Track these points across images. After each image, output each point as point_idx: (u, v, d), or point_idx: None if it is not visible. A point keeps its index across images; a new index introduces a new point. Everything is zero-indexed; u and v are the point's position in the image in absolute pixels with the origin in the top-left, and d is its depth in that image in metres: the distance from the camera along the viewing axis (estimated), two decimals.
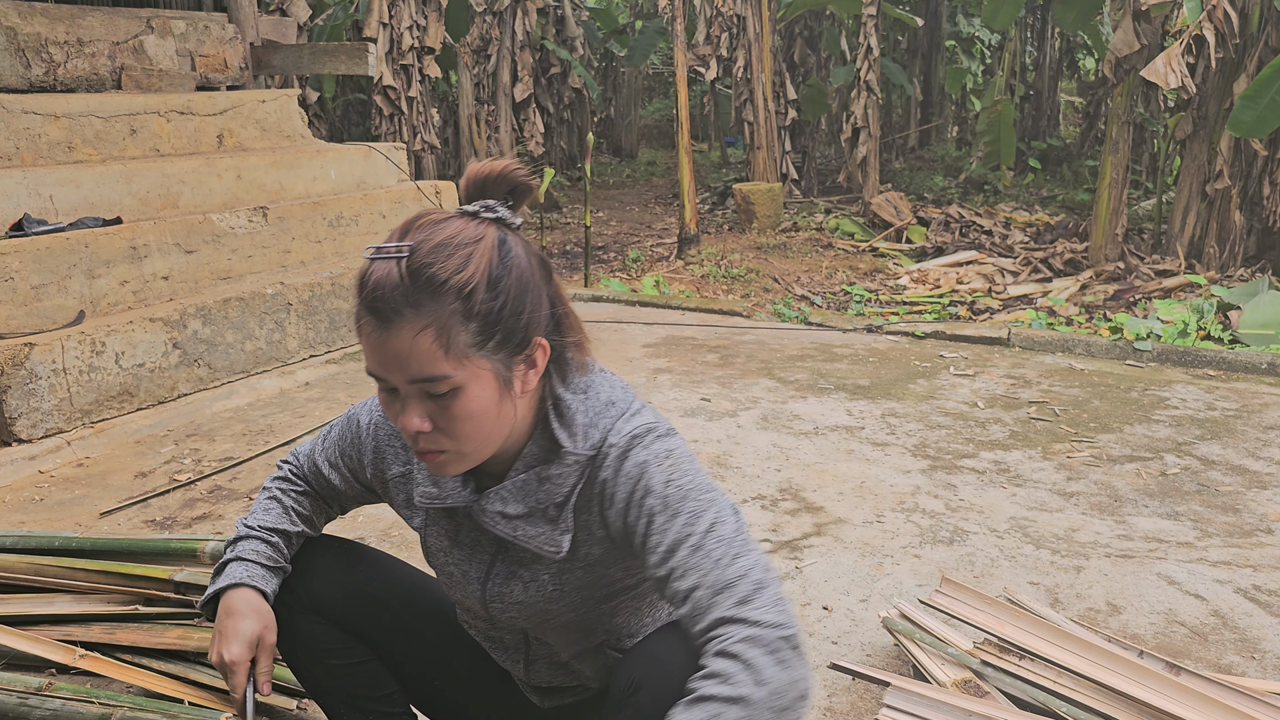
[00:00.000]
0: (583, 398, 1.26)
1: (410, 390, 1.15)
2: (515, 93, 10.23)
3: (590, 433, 1.24)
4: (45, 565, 2.36)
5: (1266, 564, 2.73)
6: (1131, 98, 7.03)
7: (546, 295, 1.22)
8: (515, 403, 1.21)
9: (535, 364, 1.21)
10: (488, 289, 1.13)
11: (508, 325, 1.16)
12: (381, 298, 1.11)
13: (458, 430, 1.17)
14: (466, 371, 1.14)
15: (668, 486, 1.20)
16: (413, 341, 1.11)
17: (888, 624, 2.24)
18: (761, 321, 5.82)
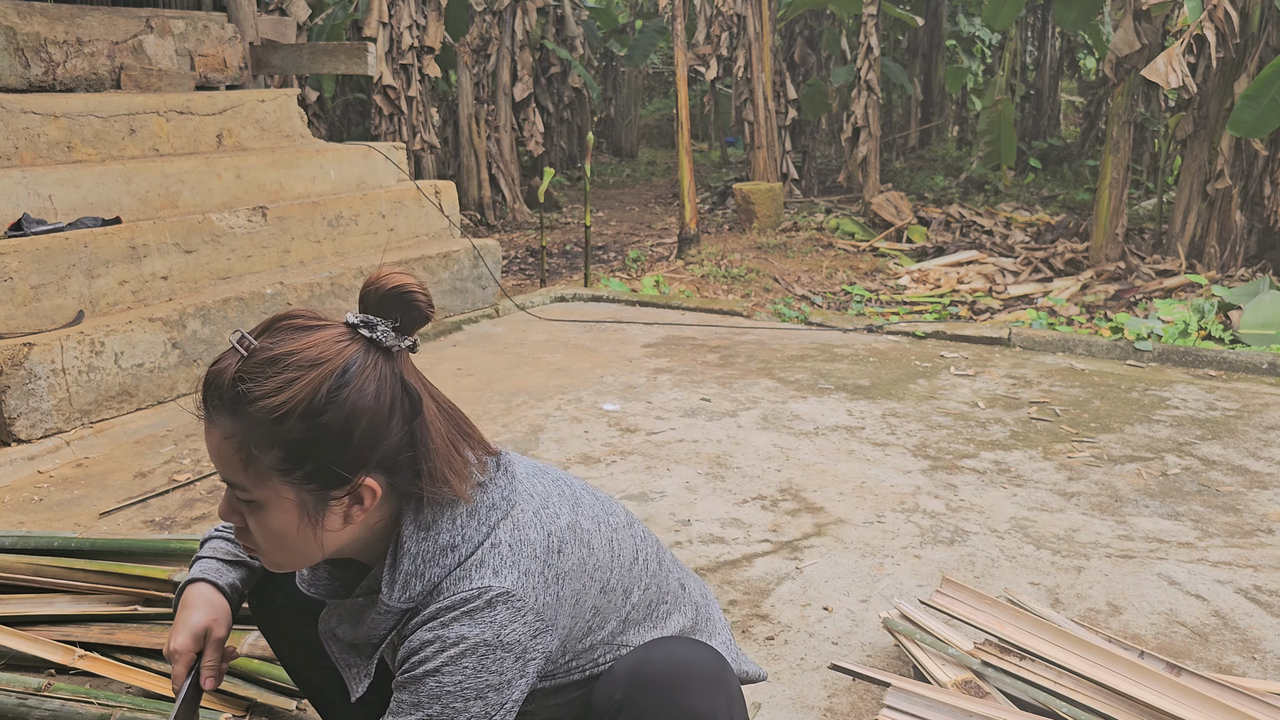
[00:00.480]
0: (422, 537, 1.15)
1: (227, 484, 1.14)
2: (515, 92, 10.22)
3: (411, 583, 1.14)
4: (44, 565, 2.36)
5: (1267, 564, 2.72)
6: (1132, 97, 7.03)
7: (396, 435, 1.12)
8: (328, 534, 1.14)
9: (361, 501, 1.13)
10: (302, 418, 1.07)
11: (320, 459, 1.09)
12: (207, 392, 1.11)
13: (258, 540, 1.15)
14: (265, 491, 1.10)
15: (430, 677, 1.10)
16: (219, 444, 1.10)
17: (888, 624, 2.24)
18: (762, 321, 5.81)
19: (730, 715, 1.19)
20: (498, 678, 1.10)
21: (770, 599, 2.54)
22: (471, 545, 1.14)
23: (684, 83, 7.69)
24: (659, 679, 1.17)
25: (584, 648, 1.25)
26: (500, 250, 6.18)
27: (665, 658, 1.19)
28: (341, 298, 4.94)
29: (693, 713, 1.16)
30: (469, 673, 1.09)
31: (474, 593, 1.11)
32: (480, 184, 9.99)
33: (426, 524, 1.15)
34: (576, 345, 5.18)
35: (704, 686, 1.18)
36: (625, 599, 1.30)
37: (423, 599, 1.14)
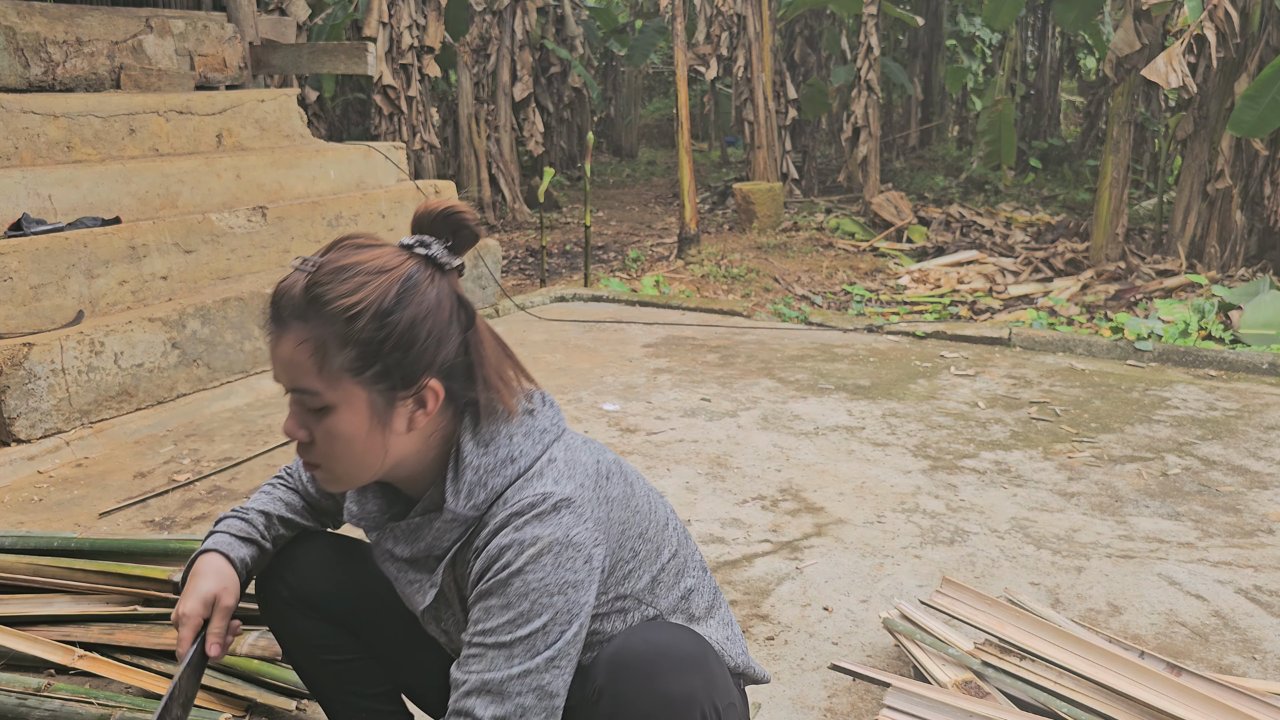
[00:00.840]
0: (482, 451, 1.22)
1: (292, 398, 1.19)
2: (515, 92, 10.22)
3: (475, 492, 1.21)
4: (44, 566, 2.36)
5: (1267, 564, 2.72)
6: (1132, 97, 7.02)
7: (454, 341, 1.20)
8: (393, 438, 1.20)
9: (425, 405, 1.20)
10: (373, 319, 1.14)
11: (390, 359, 1.16)
12: (278, 305, 1.17)
13: (327, 448, 1.19)
14: (337, 393, 1.16)
15: (515, 578, 1.15)
16: (293, 351, 1.15)
17: (888, 624, 2.24)
18: (762, 321, 5.81)
19: (711, 698, 1.18)
20: (573, 575, 1.16)
21: (770, 599, 2.54)
22: (529, 459, 1.22)
23: (684, 83, 7.69)
24: (637, 663, 1.17)
25: (618, 594, 1.29)
26: (500, 250, 6.18)
27: (643, 642, 1.19)
28: None
29: (668, 696, 1.15)
30: (548, 569, 1.15)
31: (539, 498, 1.18)
32: (480, 184, 9.99)
33: (484, 440, 1.22)
34: (576, 345, 5.18)
35: (681, 670, 1.17)
36: (658, 555, 1.34)
37: (486, 508, 1.21)
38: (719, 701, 1.19)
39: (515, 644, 1.14)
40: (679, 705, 1.15)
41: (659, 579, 1.35)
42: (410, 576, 1.29)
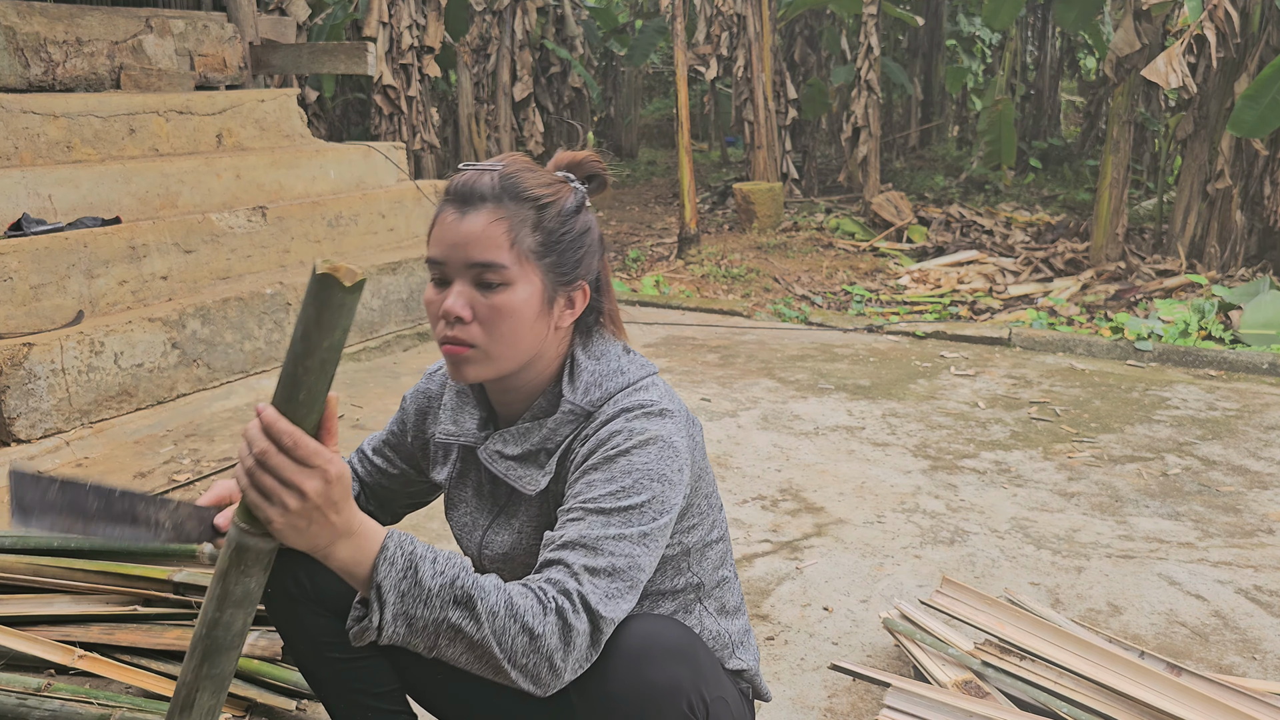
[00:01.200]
0: (594, 362, 1.35)
1: (464, 276, 1.26)
2: (515, 92, 10.22)
3: (591, 390, 1.32)
4: (44, 566, 2.36)
5: (1267, 564, 2.72)
6: (1132, 97, 7.02)
7: (598, 261, 1.36)
8: (548, 330, 1.30)
9: (574, 304, 1.33)
10: (558, 215, 1.29)
11: (564, 253, 1.30)
12: (470, 190, 1.27)
13: (493, 325, 1.25)
14: (521, 270, 1.26)
15: (622, 457, 1.24)
16: (486, 226, 1.25)
17: (888, 624, 2.24)
18: (762, 321, 5.81)
19: (699, 689, 1.18)
20: (671, 471, 1.25)
21: (770, 599, 2.54)
22: (635, 375, 1.34)
23: (684, 83, 7.69)
24: (625, 652, 1.17)
25: (679, 540, 1.36)
26: None
27: (631, 633, 1.20)
28: None
29: (654, 684, 1.15)
30: (652, 458, 1.24)
31: (649, 401, 1.30)
32: None
33: (596, 354, 1.35)
34: None
35: (668, 660, 1.18)
36: (713, 526, 1.43)
37: (598, 405, 1.31)
38: (707, 694, 1.19)
39: (614, 512, 1.20)
40: (664, 694, 1.15)
41: (708, 549, 1.43)
42: (519, 472, 1.34)
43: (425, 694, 1.60)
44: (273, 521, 1.03)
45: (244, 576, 1.11)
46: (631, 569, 1.19)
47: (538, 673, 1.11)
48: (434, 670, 1.56)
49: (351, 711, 1.54)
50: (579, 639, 1.12)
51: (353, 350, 4.97)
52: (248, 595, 1.12)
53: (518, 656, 1.09)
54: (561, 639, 1.11)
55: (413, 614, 1.07)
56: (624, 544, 1.19)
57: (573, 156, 1.38)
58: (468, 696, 1.58)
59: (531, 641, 1.09)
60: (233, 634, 1.14)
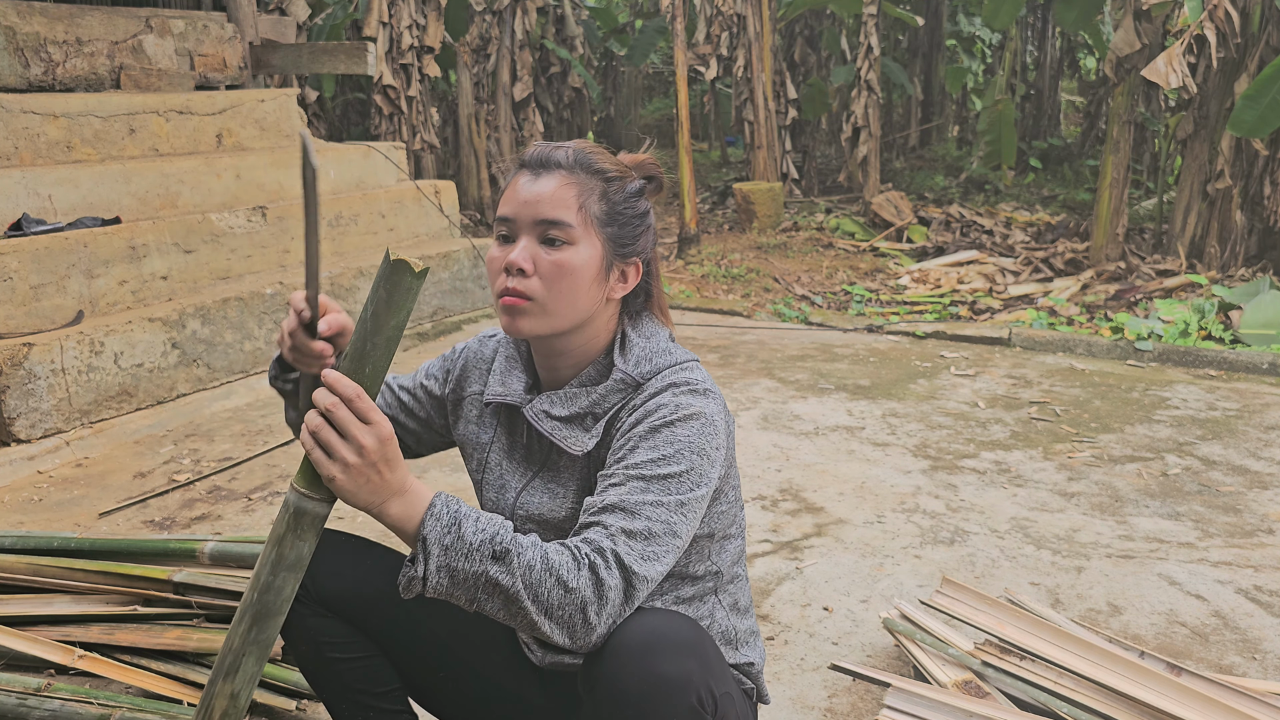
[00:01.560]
0: (645, 341, 1.42)
1: (531, 232, 1.33)
2: (515, 92, 10.21)
3: (642, 363, 1.38)
4: (44, 566, 2.36)
5: (1267, 564, 2.72)
6: (1132, 97, 7.02)
7: (651, 247, 1.44)
8: (602, 296, 1.36)
9: (626, 279, 1.39)
10: (625, 192, 1.38)
11: (625, 227, 1.38)
12: (545, 158, 1.36)
13: (554, 281, 1.32)
14: (585, 233, 1.34)
15: (666, 427, 1.30)
16: (557, 187, 1.33)
17: (888, 624, 2.24)
18: (762, 321, 5.81)
19: (707, 683, 1.18)
20: (710, 446, 1.31)
21: (770, 599, 2.54)
22: (682, 357, 1.41)
23: (684, 83, 7.69)
24: (633, 646, 1.18)
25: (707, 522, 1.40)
26: None
27: (640, 627, 1.20)
28: (342, 298, 4.94)
29: (664, 677, 1.16)
30: (694, 432, 1.30)
31: (694, 379, 1.36)
32: (480, 184, 9.98)
33: (646, 334, 1.42)
34: None
35: (677, 653, 1.18)
36: (734, 519, 1.46)
37: (648, 378, 1.37)
38: (715, 688, 1.19)
39: (653, 480, 1.26)
40: (673, 686, 1.16)
41: (729, 542, 1.47)
42: (565, 433, 1.39)
43: (426, 694, 1.60)
44: (335, 479, 1.14)
45: (299, 540, 1.20)
46: (666, 534, 1.24)
47: (572, 625, 1.16)
48: (435, 670, 1.56)
49: (353, 711, 1.54)
50: (612, 593, 1.17)
51: None
52: (300, 560, 1.21)
53: (553, 609, 1.15)
54: (595, 592, 1.16)
55: (455, 566, 1.15)
56: (661, 510, 1.24)
57: (634, 158, 1.45)
58: (468, 697, 1.58)
59: (566, 594, 1.15)
60: (282, 599, 1.22)
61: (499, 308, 1.35)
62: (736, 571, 1.50)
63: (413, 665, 1.55)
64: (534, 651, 1.52)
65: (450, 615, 1.56)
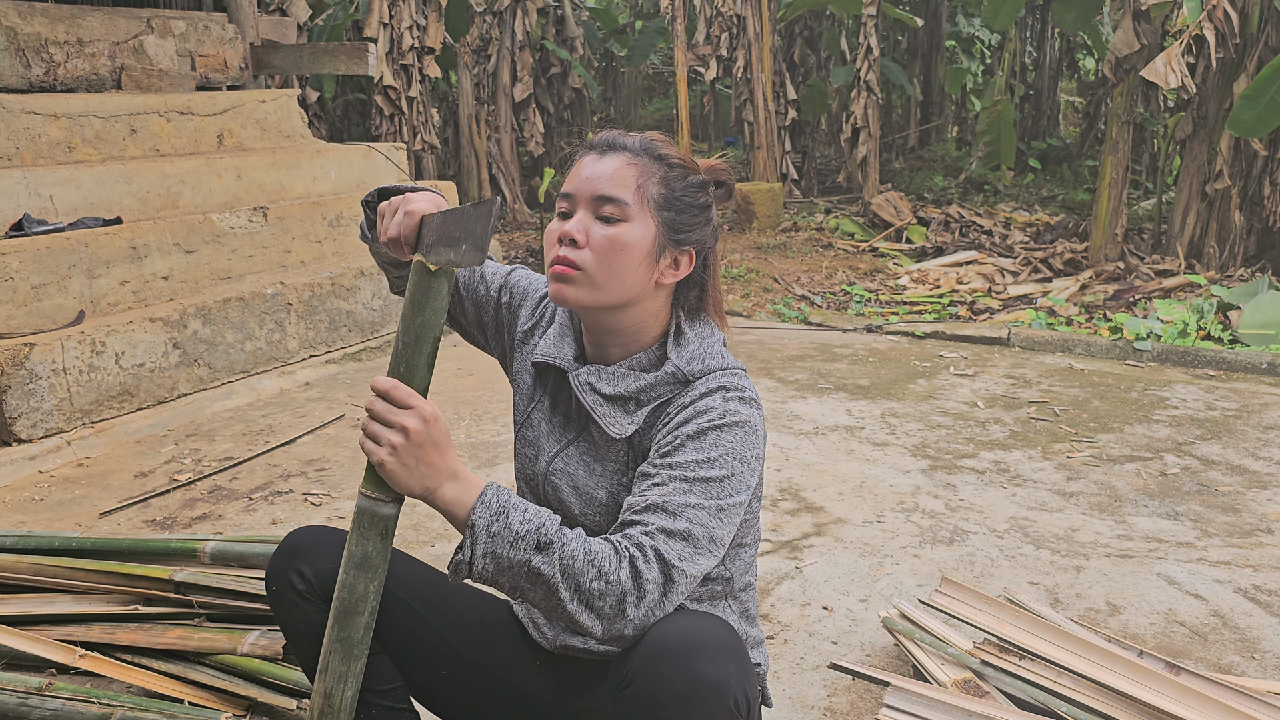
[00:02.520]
0: (700, 340, 1.43)
1: (589, 207, 1.36)
2: (515, 93, 10.22)
3: (695, 361, 1.39)
4: (45, 565, 2.36)
5: (1266, 564, 2.73)
6: (1131, 98, 7.03)
7: (710, 240, 1.45)
8: (651, 278, 1.38)
9: (678, 266, 1.41)
10: (685, 181, 1.40)
11: (682, 215, 1.39)
12: (613, 141, 1.40)
13: (604, 254, 1.34)
14: (640, 211, 1.36)
15: (712, 430, 1.32)
16: (618, 167, 1.37)
17: (888, 624, 2.24)
18: (761, 321, 5.82)
19: (743, 686, 1.19)
20: (751, 455, 1.33)
21: (770, 599, 2.55)
22: (732, 364, 1.41)
23: (684, 83, 7.69)
24: (673, 646, 1.19)
25: None
26: (500, 250, 6.18)
27: (681, 627, 1.21)
28: (342, 298, 4.95)
29: (705, 678, 1.17)
30: (738, 438, 1.32)
31: (743, 387, 1.38)
32: (480, 184, 9.99)
33: (702, 334, 1.44)
34: None
35: (717, 654, 1.19)
36: (749, 530, 1.48)
37: (699, 376, 1.38)
38: (749, 691, 1.21)
39: (696, 482, 1.28)
40: (715, 687, 1.17)
41: (743, 550, 1.48)
42: (605, 410, 1.41)
43: (428, 692, 1.60)
44: (385, 464, 1.18)
45: (363, 539, 1.26)
46: (705, 538, 1.26)
47: (610, 616, 1.19)
48: (438, 668, 1.56)
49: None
50: (650, 587, 1.19)
51: (354, 350, 4.97)
52: (366, 559, 1.26)
53: (593, 599, 1.18)
54: (634, 585, 1.19)
55: (500, 554, 1.18)
56: (701, 513, 1.26)
57: (708, 161, 1.48)
58: (471, 695, 1.59)
59: (606, 585, 1.18)
60: (355, 597, 1.28)
61: (550, 276, 1.39)
62: (748, 580, 1.52)
63: (414, 662, 1.56)
64: (544, 633, 1.53)
65: (452, 612, 1.56)
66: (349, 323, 4.99)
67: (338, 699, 1.32)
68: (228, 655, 2.10)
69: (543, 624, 1.54)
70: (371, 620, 1.31)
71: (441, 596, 1.57)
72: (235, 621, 2.23)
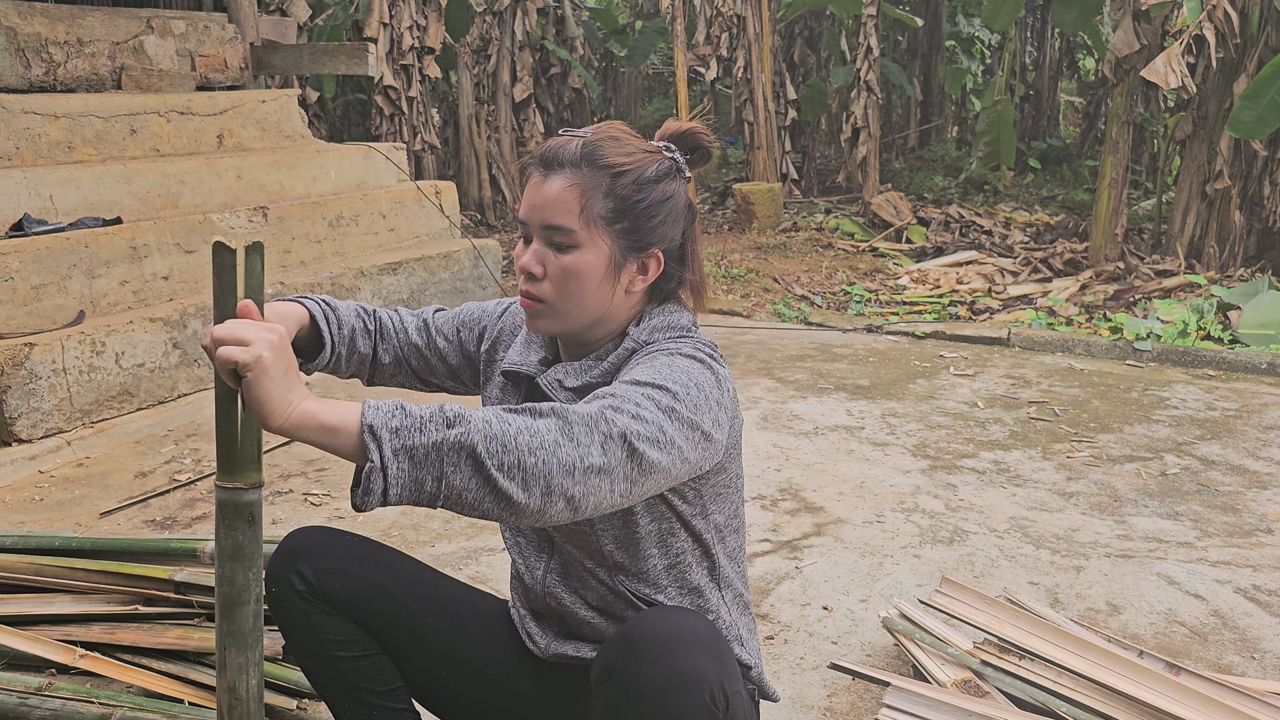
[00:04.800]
0: (663, 315, 1.41)
1: (540, 236, 1.35)
2: (515, 93, 10.22)
3: (655, 333, 1.39)
4: (45, 565, 2.36)
5: (1266, 564, 2.73)
6: (1131, 98, 7.03)
7: (680, 230, 1.41)
8: (616, 291, 1.36)
9: (646, 271, 1.38)
10: (634, 182, 1.34)
11: (637, 220, 1.35)
12: (554, 155, 1.35)
13: (561, 284, 1.33)
14: (588, 235, 1.33)
15: (664, 356, 1.31)
16: (560, 191, 1.33)
17: (888, 624, 2.24)
18: (761, 321, 5.82)
19: (721, 681, 1.19)
20: (706, 385, 1.27)
21: (770, 599, 2.55)
22: (699, 338, 1.41)
23: (684, 83, 7.70)
24: (650, 641, 1.19)
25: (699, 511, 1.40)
26: (500, 250, 6.19)
27: (658, 622, 1.21)
28: (343, 298, 4.94)
29: (680, 673, 1.16)
30: (692, 369, 1.28)
31: (699, 344, 1.37)
32: (480, 184, 9.99)
33: (665, 313, 1.42)
34: None
35: (693, 649, 1.19)
36: (735, 512, 1.46)
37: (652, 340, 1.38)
38: (728, 686, 1.20)
39: (643, 385, 1.22)
40: (689, 681, 1.16)
41: (729, 536, 1.46)
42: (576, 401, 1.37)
43: (428, 694, 1.60)
44: (260, 360, 1.05)
45: (231, 530, 1.25)
46: (655, 425, 1.16)
47: (558, 455, 1.06)
48: (437, 670, 1.56)
49: (355, 710, 1.54)
50: (581, 432, 1.09)
51: None
52: (239, 549, 1.25)
53: (531, 451, 1.05)
54: (563, 430, 1.08)
55: (411, 444, 1.03)
56: (650, 405, 1.18)
57: (678, 126, 1.42)
58: (470, 696, 1.59)
59: (535, 429, 1.07)
60: (237, 588, 1.26)
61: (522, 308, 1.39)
62: (736, 568, 1.50)
63: (414, 663, 1.56)
64: (537, 643, 1.52)
65: (451, 614, 1.56)
66: None
67: (243, 690, 1.30)
68: None
69: (536, 634, 1.53)
70: (259, 607, 1.28)
71: (441, 598, 1.57)
72: None
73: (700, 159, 1.43)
